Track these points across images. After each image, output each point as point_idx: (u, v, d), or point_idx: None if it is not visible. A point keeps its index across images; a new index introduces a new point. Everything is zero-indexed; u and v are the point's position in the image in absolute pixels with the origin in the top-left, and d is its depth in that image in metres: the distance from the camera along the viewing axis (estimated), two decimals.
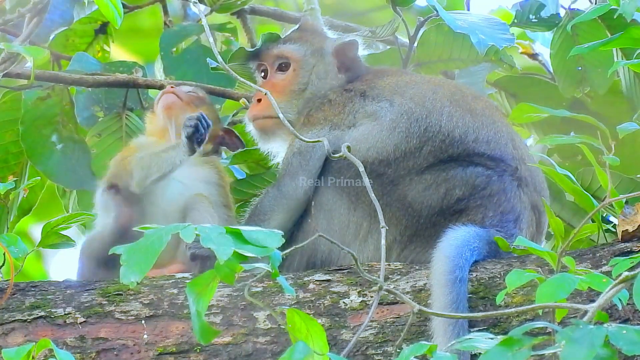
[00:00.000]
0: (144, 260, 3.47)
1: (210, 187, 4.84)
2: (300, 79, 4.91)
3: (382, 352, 4.18)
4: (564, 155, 5.66)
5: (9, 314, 4.29)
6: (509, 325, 4.15)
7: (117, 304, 4.32)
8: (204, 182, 4.84)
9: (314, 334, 3.56)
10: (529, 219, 4.59)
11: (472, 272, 4.30)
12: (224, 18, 6.07)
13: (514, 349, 3.22)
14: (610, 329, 3.18)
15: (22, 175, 5.64)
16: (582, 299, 4.11)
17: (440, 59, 5.54)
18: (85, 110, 5.55)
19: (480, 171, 4.55)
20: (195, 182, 4.82)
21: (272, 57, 4.96)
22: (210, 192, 4.82)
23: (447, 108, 4.64)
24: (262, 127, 4.90)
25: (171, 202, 4.75)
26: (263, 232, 3.53)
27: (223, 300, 4.31)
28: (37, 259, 7.33)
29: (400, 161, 4.56)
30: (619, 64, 4.83)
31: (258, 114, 4.89)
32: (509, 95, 5.78)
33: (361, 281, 4.34)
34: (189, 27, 5.87)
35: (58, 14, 5.78)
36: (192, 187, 4.80)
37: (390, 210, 4.51)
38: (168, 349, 4.24)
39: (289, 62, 4.94)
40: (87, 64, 5.62)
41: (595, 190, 5.07)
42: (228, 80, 5.53)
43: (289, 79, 4.91)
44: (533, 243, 4.11)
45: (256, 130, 4.93)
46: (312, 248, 4.59)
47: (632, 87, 5.55)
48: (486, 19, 5.29)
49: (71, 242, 4.53)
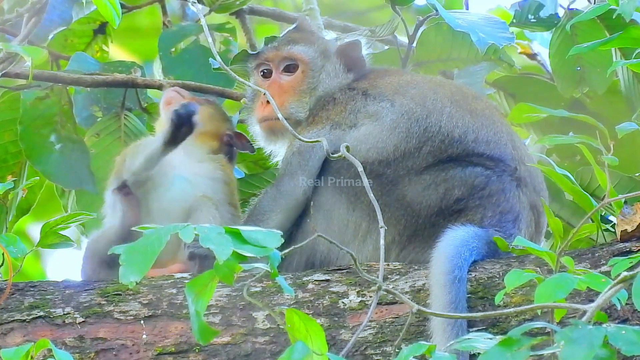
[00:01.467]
0: (143, 260, 3.47)
1: (215, 185, 4.83)
2: (309, 79, 4.90)
3: (381, 352, 4.18)
4: (562, 155, 5.66)
5: (8, 314, 4.29)
6: (508, 325, 4.15)
7: (116, 304, 4.32)
8: (210, 179, 4.83)
9: (313, 334, 3.56)
10: (527, 219, 4.59)
11: (471, 272, 4.30)
12: (222, 18, 6.07)
13: (513, 349, 3.22)
14: (609, 329, 3.18)
15: (20, 175, 5.63)
16: (581, 299, 4.11)
17: (439, 59, 5.55)
18: (84, 110, 5.55)
19: (479, 171, 4.55)
20: (200, 179, 4.80)
21: (279, 58, 4.95)
22: (215, 190, 4.81)
23: (447, 108, 4.64)
24: (271, 128, 4.89)
25: (176, 201, 4.74)
26: (262, 232, 3.53)
27: (222, 300, 4.31)
28: (36, 258, 7.32)
29: (400, 161, 4.56)
30: (617, 63, 4.83)
31: (269, 115, 4.87)
32: (508, 95, 5.78)
33: (360, 281, 4.34)
34: (187, 27, 5.87)
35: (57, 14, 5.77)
36: (198, 184, 4.78)
37: (390, 211, 4.51)
38: (167, 349, 4.24)
39: (296, 63, 4.93)
40: (86, 64, 5.62)
41: (594, 190, 5.07)
42: (227, 80, 5.53)
43: (297, 80, 4.89)
44: (532, 243, 4.11)
45: (263, 131, 4.92)
46: (311, 248, 4.59)
47: (631, 87, 5.55)
48: (485, 18, 5.30)
49: (70, 242, 4.53)
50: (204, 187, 4.79)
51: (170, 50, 5.76)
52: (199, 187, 4.78)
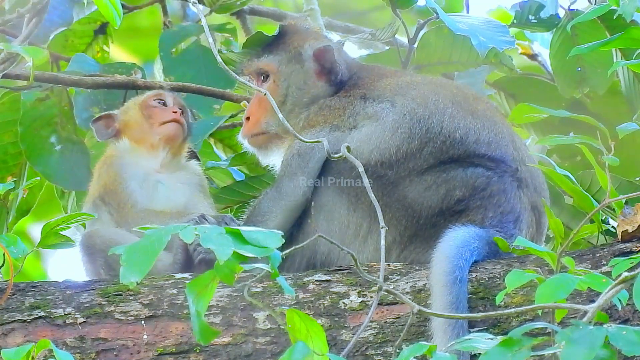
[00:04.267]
0: (144, 261, 3.47)
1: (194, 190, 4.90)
2: (279, 90, 4.89)
3: (381, 352, 4.18)
4: (563, 155, 5.67)
5: (9, 314, 4.29)
6: (509, 326, 4.15)
7: (117, 305, 4.32)
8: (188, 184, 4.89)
9: (314, 334, 3.56)
10: (528, 219, 4.59)
11: (472, 273, 4.30)
12: (223, 18, 6.08)
13: (514, 349, 3.22)
14: (610, 329, 3.18)
15: (21, 176, 5.64)
16: (581, 300, 4.11)
17: (440, 62, 5.55)
18: (84, 111, 5.56)
19: (480, 172, 4.55)
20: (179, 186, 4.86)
21: (254, 70, 4.95)
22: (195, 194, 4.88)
23: (449, 109, 4.63)
24: (255, 144, 4.92)
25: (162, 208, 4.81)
26: (263, 233, 3.53)
27: (223, 301, 4.31)
28: (36, 259, 7.32)
29: (402, 162, 4.56)
30: (618, 64, 4.83)
31: (248, 132, 4.90)
32: (508, 95, 5.78)
33: (361, 281, 4.34)
34: (188, 28, 5.87)
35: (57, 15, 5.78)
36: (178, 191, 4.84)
37: (390, 211, 4.50)
38: (168, 350, 4.24)
39: (267, 73, 4.93)
40: (86, 65, 5.62)
41: (594, 193, 5.07)
42: (227, 81, 5.53)
43: (270, 92, 4.87)
44: (533, 243, 4.11)
45: (251, 147, 4.95)
46: (312, 249, 4.59)
47: (631, 88, 5.55)
48: (486, 21, 5.29)
49: (71, 242, 4.53)
50: (183, 192, 4.84)
51: (171, 50, 5.76)
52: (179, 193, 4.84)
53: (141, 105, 5.00)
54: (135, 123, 4.98)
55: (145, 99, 5.03)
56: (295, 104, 4.87)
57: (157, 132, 4.94)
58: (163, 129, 4.94)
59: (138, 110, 4.99)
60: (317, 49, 4.90)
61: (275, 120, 4.82)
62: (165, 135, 4.92)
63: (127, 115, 5.01)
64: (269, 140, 4.90)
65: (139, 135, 4.96)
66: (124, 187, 4.81)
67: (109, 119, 5.02)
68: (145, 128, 4.95)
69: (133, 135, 4.97)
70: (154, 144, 4.92)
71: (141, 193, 4.81)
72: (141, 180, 4.84)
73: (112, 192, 4.81)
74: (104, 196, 4.81)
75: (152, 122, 4.95)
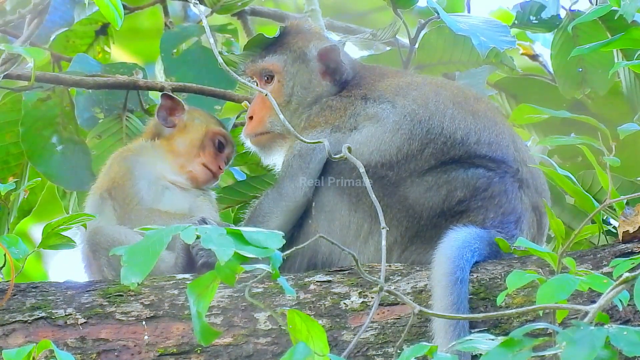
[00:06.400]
0: (145, 262, 3.47)
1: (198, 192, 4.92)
2: (284, 90, 4.90)
3: (382, 353, 4.18)
4: (564, 156, 5.66)
5: (10, 315, 4.29)
6: (510, 326, 4.15)
7: (118, 305, 4.32)
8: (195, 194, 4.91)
9: (315, 335, 3.56)
10: (530, 220, 4.59)
11: (473, 273, 4.30)
12: (224, 19, 6.08)
13: (515, 350, 3.22)
14: (611, 330, 3.18)
15: (22, 177, 5.64)
16: (582, 300, 4.11)
17: (440, 62, 5.55)
18: (86, 112, 5.56)
19: (481, 173, 4.55)
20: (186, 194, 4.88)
21: (258, 71, 4.95)
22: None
23: (449, 110, 4.63)
24: (259, 143, 4.92)
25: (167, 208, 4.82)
26: (264, 233, 3.53)
27: (224, 301, 4.31)
28: (37, 260, 7.33)
29: (403, 163, 4.56)
30: (619, 65, 4.83)
31: (251, 131, 4.90)
32: (510, 96, 5.78)
33: (362, 282, 4.34)
34: (189, 28, 5.87)
35: (58, 15, 5.78)
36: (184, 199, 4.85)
37: (391, 212, 4.51)
38: (169, 350, 4.24)
39: (272, 74, 4.93)
40: (88, 66, 5.62)
41: (595, 193, 5.07)
42: (229, 81, 5.53)
43: (275, 90, 4.88)
44: (534, 244, 4.11)
45: (254, 146, 4.94)
46: (313, 249, 4.59)
47: (632, 88, 5.55)
48: (487, 21, 5.29)
49: (72, 243, 4.53)
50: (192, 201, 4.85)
51: (172, 51, 5.76)
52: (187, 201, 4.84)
53: (207, 133, 4.98)
54: (190, 140, 4.97)
55: (215, 131, 4.99)
56: (299, 104, 4.88)
57: (194, 166, 4.92)
58: (200, 170, 4.92)
59: (202, 134, 4.97)
60: (322, 49, 4.91)
61: (279, 120, 4.82)
62: (196, 177, 4.91)
63: (191, 124, 4.99)
64: (273, 140, 4.90)
65: (180, 148, 4.94)
66: (132, 184, 4.81)
67: (178, 107, 5.00)
68: (191, 151, 4.94)
69: (175, 143, 4.96)
70: (181, 167, 4.91)
71: (148, 193, 4.81)
72: (151, 181, 4.83)
73: (119, 187, 4.81)
74: (111, 190, 4.81)
75: (199, 154, 4.94)
